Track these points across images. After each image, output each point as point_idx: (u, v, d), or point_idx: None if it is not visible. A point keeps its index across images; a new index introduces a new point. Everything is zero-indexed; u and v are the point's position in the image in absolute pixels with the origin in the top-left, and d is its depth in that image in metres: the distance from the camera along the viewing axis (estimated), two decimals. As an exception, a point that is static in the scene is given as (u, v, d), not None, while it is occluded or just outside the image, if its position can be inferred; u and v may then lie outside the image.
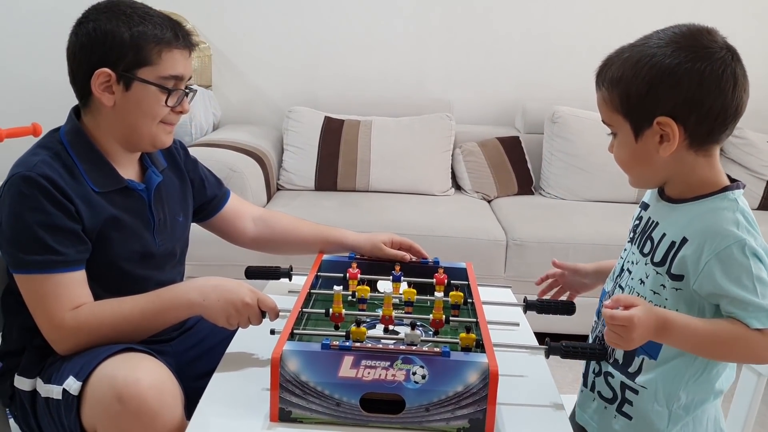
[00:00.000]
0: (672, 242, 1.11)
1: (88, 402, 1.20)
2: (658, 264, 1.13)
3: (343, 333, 1.15)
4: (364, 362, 1.06)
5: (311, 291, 1.41)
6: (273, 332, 1.25)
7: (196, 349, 1.52)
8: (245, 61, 3.76)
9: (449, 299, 1.33)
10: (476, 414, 1.05)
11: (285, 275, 1.59)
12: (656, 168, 1.13)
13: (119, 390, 1.14)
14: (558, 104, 3.44)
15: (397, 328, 1.26)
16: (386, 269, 1.52)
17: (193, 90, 1.43)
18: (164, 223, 1.45)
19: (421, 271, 1.53)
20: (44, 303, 1.27)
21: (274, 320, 1.29)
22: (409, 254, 1.60)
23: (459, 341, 1.15)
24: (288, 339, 1.12)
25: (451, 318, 1.29)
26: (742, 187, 1.13)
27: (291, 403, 1.06)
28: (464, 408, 1.05)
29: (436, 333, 1.26)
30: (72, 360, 1.26)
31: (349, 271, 1.46)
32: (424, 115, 3.44)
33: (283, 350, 1.06)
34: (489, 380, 1.04)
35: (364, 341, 1.11)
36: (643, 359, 1.15)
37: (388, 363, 1.06)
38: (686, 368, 1.13)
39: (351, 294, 1.38)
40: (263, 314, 1.30)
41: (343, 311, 1.26)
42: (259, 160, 3.12)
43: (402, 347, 1.09)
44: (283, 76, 3.77)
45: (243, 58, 3.76)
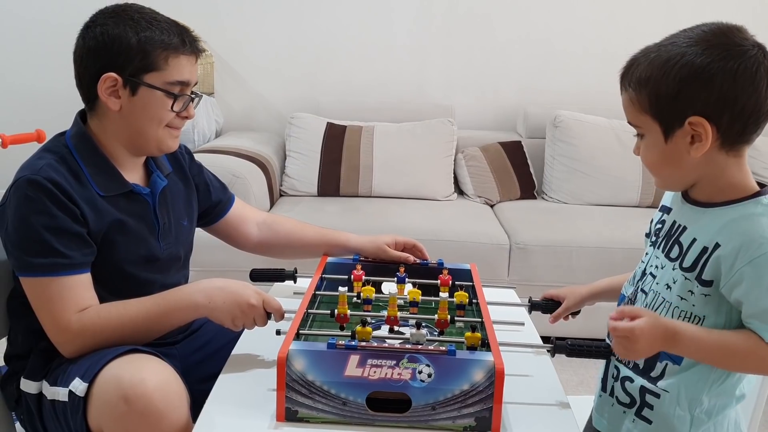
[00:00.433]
0: (704, 248, 1.09)
1: (94, 403, 1.20)
2: (688, 269, 1.11)
3: (349, 333, 1.16)
4: (370, 361, 1.06)
5: (316, 292, 1.41)
6: (279, 333, 1.25)
7: (202, 352, 1.52)
8: (247, 68, 3.78)
9: (454, 299, 1.33)
10: (482, 412, 1.05)
11: (290, 277, 1.60)
12: (686, 169, 1.11)
13: (125, 391, 1.14)
14: (559, 108, 3.45)
15: (403, 329, 1.26)
16: (390, 271, 1.52)
17: (199, 96, 1.44)
18: (169, 228, 1.45)
19: (426, 273, 1.53)
20: (50, 306, 1.27)
21: (280, 321, 1.30)
22: (413, 256, 1.60)
23: (464, 340, 1.15)
24: (294, 339, 1.12)
25: (457, 318, 1.29)
26: None
27: (297, 403, 1.07)
28: (470, 406, 1.05)
29: (441, 333, 1.26)
30: (78, 362, 1.26)
31: (354, 273, 1.46)
32: (426, 121, 3.45)
33: (290, 350, 1.06)
34: (495, 378, 1.04)
35: (370, 341, 1.11)
36: (667, 364, 1.14)
37: (394, 362, 1.06)
38: (709, 373, 1.11)
39: (356, 295, 1.38)
40: (269, 316, 1.30)
41: (348, 312, 1.27)
42: (262, 166, 3.13)
43: (408, 346, 1.09)
44: (285, 83, 3.78)
45: (245, 65, 3.77)
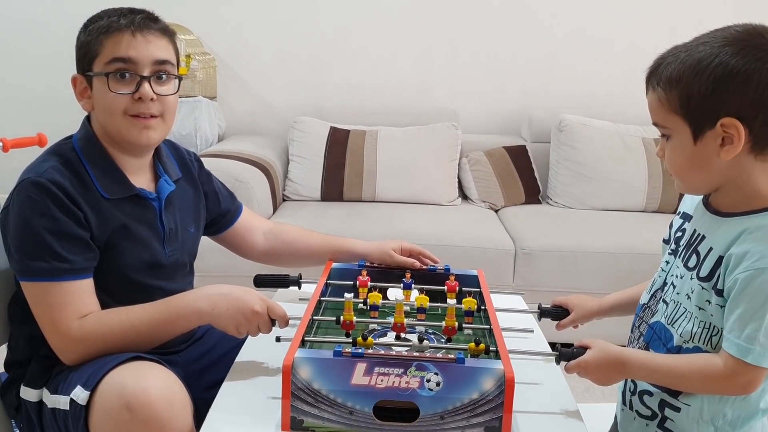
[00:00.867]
0: (719, 257, 1.07)
1: (97, 412, 1.18)
2: (704, 279, 1.09)
3: (351, 340, 1.14)
4: (378, 369, 1.04)
5: (321, 299, 1.39)
6: (279, 340, 1.23)
7: (205, 359, 1.50)
8: (250, 72, 3.76)
9: (462, 306, 1.31)
10: (492, 422, 1.03)
11: (294, 283, 1.58)
12: (713, 173, 1.08)
13: (128, 399, 1.12)
14: (564, 112, 3.43)
15: (409, 336, 1.24)
16: (395, 277, 1.50)
17: (176, 76, 1.38)
18: (175, 233, 1.43)
19: (432, 279, 1.51)
20: (50, 311, 1.25)
21: (284, 328, 1.28)
22: (420, 261, 1.58)
23: (468, 349, 1.13)
24: (299, 346, 1.10)
25: (465, 325, 1.27)
26: None
27: (303, 412, 1.04)
28: (480, 416, 1.03)
29: (449, 340, 1.24)
30: (79, 369, 1.24)
31: (359, 279, 1.44)
32: (430, 125, 3.43)
33: (295, 357, 1.04)
34: (505, 387, 1.02)
35: (376, 349, 1.09)
36: None
37: (402, 370, 1.04)
38: None
39: (362, 301, 1.36)
40: (273, 322, 1.28)
41: (354, 319, 1.25)
42: (265, 171, 3.11)
43: (416, 354, 1.07)
44: (288, 87, 3.77)
45: (248, 69, 3.76)
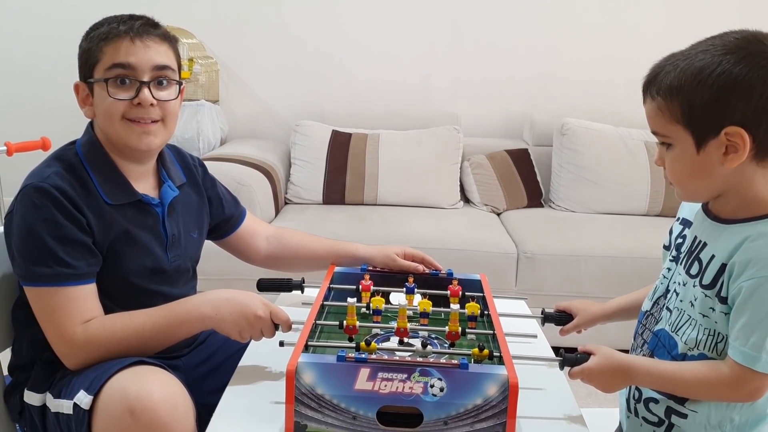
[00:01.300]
0: (722, 265, 1.07)
1: (100, 416, 1.18)
2: (707, 287, 1.08)
3: (354, 345, 1.13)
4: (381, 374, 1.04)
5: (324, 303, 1.39)
6: (282, 344, 1.23)
7: (208, 364, 1.50)
8: (252, 76, 3.77)
9: (465, 311, 1.31)
10: (496, 427, 1.03)
11: (297, 287, 1.58)
12: (715, 181, 1.07)
13: (131, 403, 1.12)
14: (567, 116, 3.43)
15: (413, 341, 1.24)
16: (398, 281, 1.50)
17: (176, 81, 1.38)
18: (177, 239, 1.43)
19: (435, 283, 1.51)
20: (54, 317, 1.25)
21: (287, 332, 1.28)
22: (423, 266, 1.57)
23: (472, 354, 1.13)
24: (302, 351, 1.10)
25: (468, 330, 1.27)
26: None
27: (306, 417, 1.04)
28: (483, 421, 1.03)
29: (452, 345, 1.24)
30: (83, 374, 1.24)
31: (362, 283, 1.44)
32: (432, 128, 3.43)
33: (299, 362, 1.04)
34: (509, 393, 1.02)
35: (380, 354, 1.09)
36: None
37: (406, 375, 1.03)
38: None
39: (366, 305, 1.36)
40: (276, 327, 1.28)
41: (357, 323, 1.25)
42: (267, 174, 3.11)
43: (419, 359, 1.07)
44: (290, 90, 3.77)
45: (250, 73, 3.77)
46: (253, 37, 3.71)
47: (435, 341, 1.25)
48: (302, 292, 1.58)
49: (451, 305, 1.32)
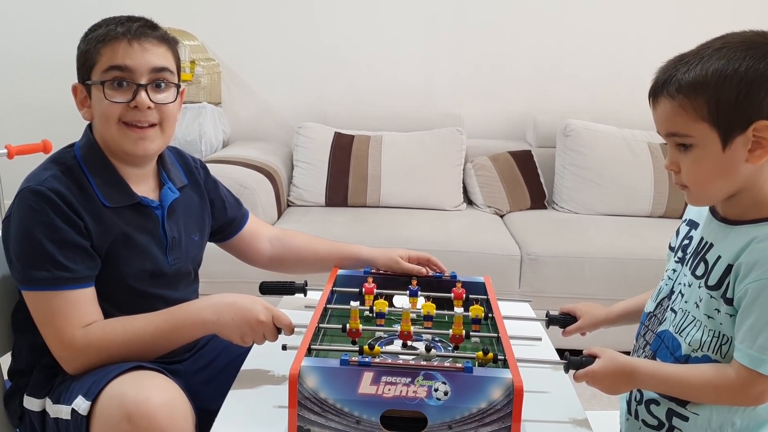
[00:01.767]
0: (728, 266, 1.06)
1: (97, 422, 1.16)
2: (713, 288, 1.08)
3: (358, 348, 1.13)
4: (385, 378, 1.03)
5: (327, 306, 1.38)
6: (285, 348, 1.22)
7: (209, 369, 1.48)
8: (254, 78, 3.77)
9: (469, 314, 1.30)
10: (500, 431, 1.02)
11: (300, 290, 1.57)
12: (736, 180, 1.06)
13: (129, 409, 1.11)
14: (570, 117, 3.42)
15: (416, 344, 1.23)
16: (401, 284, 1.50)
17: (175, 84, 1.36)
18: (178, 242, 1.42)
19: (439, 286, 1.50)
20: (53, 321, 1.24)
21: (290, 336, 1.26)
22: (427, 268, 1.56)
23: (476, 357, 1.12)
24: (305, 355, 1.09)
25: (472, 333, 1.26)
26: None
27: (309, 421, 1.03)
28: (488, 425, 1.02)
29: (456, 348, 1.23)
30: (81, 379, 1.23)
31: (365, 286, 1.43)
32: (435, 130, 3.42)
33: (302, 366, 1.03)
34: (513, 396, 1.01)
35: (384, 357, 1.08)
36: None
37: (409, 379, 1.03)
38: None
39: (369, 309, 1.35)
40: (279, 331, 1.27)
41: (361, 327, 1.24)
42: (270, 176, 3.10)
43: (423, 363, 1.06)
44: (293, 92, 3.77)
45: (252, 75, 3.76)
46: (255, 39, 3.70)
47: (439, 344, 1.24)
48: (305, 295, 1.57)
49: (455, 308, 1.31)
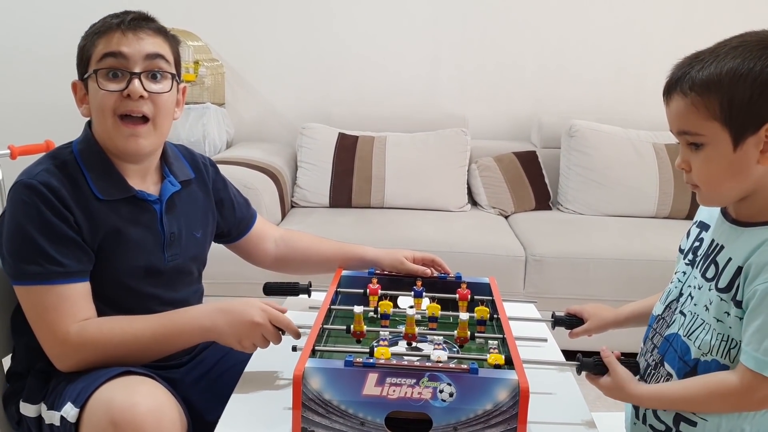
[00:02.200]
0: (738, 268, 1.04)
1: (85, 428, 1.15)
2: (723, 290, 1.06)
3: (367, 349, 1.12)
4: (389, 380, 1.02)
5: (331, 307, 1.37)
6: (295, 349, 1.21)
7: (209, 375, 1.45)
8: (258, 79, 3.76)
9: (474, 315, 1.29)
10: (506, 433, 1.01)
11: (304, 291, 1.56)
12: (747, 181, 1.04)
13: (114, 416, 1.10)
14: (574, 118, 3.41)
15: (420, 345, 1.22)
16: (406, 285, 1.49)
17: (169, 73, 1.33)
18: (177, 238, 1.39)
19: (443, 287, 1.49)
20: (45, 316, 1.22)
21: (297, 338, 1.25)
22: (432, 269, 1.55)
23: (487, 359, 1.11)
24: (309, 356, 1.08)
25: (477, 334, 1.25)
26: None
27: (314, 423, 1.03)
28: (493, 427, 1.01)
29: (461, 349, 1.22)
30: (72, 384, 1.21)
31: (369, 287, 1.42)
32: (439, 131, 3.41)
33: (306, 368, 1.02)
34: (519, 398, 1.00)
35: (390, 358, 1.07)
36: None
37: (414, 380, 1.02)
38: None
39: (373, 310, 1.34)
40: (283, 332, 1.26)
41: (365, 328, 1.23)
42: (273, 177, 3.10)
43: (428, 364, 1.05)
44: (297, 93, 3.76)
45: (256, 76, 3.76)
46: (259, 40, 3.70)
47: (444, 345, 1.23)
48: (309, 296, 1.56)
49: (461, 314, 1.30)
